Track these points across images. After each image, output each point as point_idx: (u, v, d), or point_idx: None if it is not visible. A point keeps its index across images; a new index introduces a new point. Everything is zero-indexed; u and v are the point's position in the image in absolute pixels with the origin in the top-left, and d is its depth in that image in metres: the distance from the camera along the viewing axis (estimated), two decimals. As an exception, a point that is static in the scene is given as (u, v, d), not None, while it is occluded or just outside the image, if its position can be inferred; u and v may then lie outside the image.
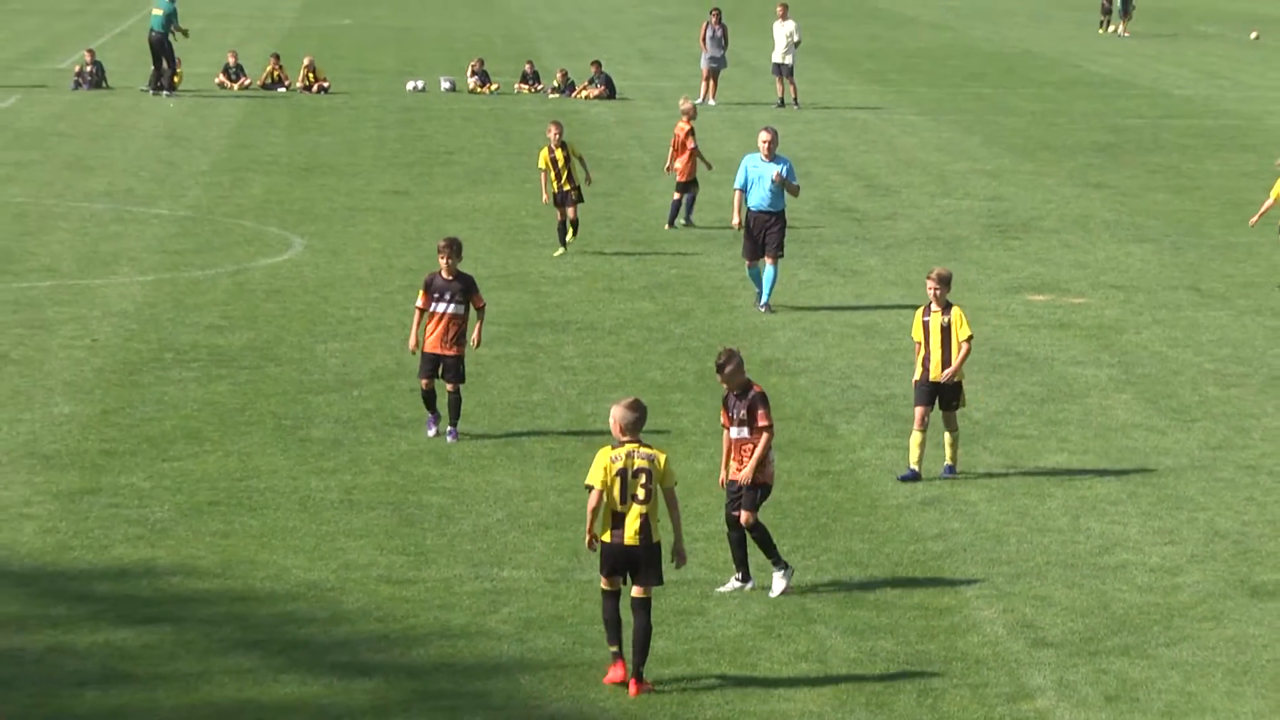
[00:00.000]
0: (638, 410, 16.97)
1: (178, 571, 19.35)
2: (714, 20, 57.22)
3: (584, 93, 58.39)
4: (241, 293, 31.37)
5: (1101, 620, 18.51)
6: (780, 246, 30.94)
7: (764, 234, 30.76)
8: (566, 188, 34.90)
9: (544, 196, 35.00)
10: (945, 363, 22.40)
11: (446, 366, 23.61)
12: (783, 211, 30.95)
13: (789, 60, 56.81)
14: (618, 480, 16.67)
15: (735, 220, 31.46)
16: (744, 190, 31.02)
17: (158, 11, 56.17)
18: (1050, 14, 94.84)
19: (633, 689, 16.37)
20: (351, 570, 19.31)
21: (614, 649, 16.71)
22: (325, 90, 58.10)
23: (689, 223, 37.75)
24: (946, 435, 22.64)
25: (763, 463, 18.98)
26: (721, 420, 19.34)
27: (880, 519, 21.29)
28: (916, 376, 22.72)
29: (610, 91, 58.34)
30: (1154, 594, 19.17)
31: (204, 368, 26.77)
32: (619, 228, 37.69)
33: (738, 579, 19.13)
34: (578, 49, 69.80)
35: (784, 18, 57.15)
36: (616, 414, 17.07)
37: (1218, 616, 18.57)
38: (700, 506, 21.44)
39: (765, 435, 18.84)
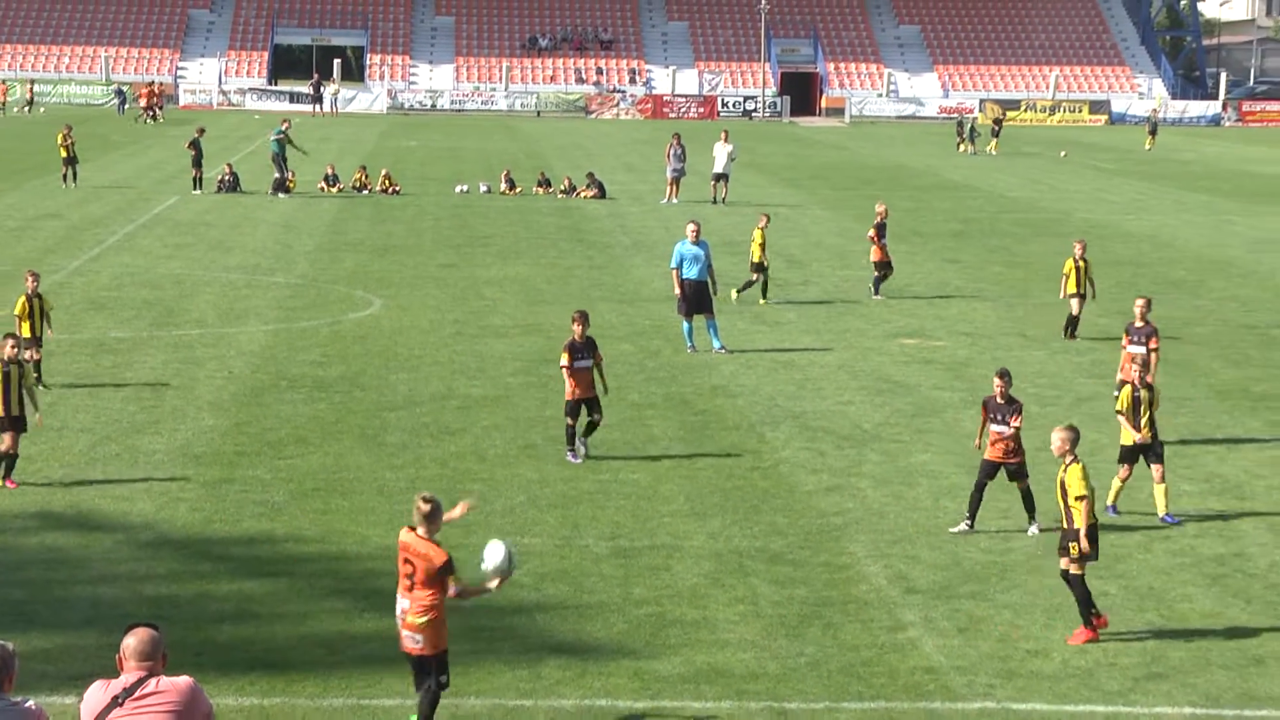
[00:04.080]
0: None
1: (290, 539, 19.34)
2: (675, 142, 57.33)
3: (582, 194, 58.46)
4: (336, 338, 31.36)
5: (955, 573, 18.52)
6: (712, 305, 30.92)
7: (698, 298, 30.75)
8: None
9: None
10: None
11: (591, 405, 22.95)
12: (708, 281, 30.87)
13: (727, 171, 57.00)
14: None
15: (677, 290, 31.10)
16: (678, 267, 30.85)
17: (272, 137, 57.11)
18: (919, 139, 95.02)
19: None
20: (415, 538, 19.29)
21: None
22: (397, 193, 58.13)
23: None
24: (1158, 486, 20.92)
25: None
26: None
27: (796, 501, 21.30)
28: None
29: (601, 193, 58.39)
30: (993, 554, 19.18)
31: (309, 392, 26.76)
32: (608, 290, 37.70)
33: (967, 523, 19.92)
34: (578, 162, 69.87)
35: (725, 140, 57.30)
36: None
37: (1039, 570, 18.57)
38: (667, 492, 21.46)
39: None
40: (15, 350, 21.09)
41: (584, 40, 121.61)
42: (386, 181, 58.81)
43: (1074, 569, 16.59)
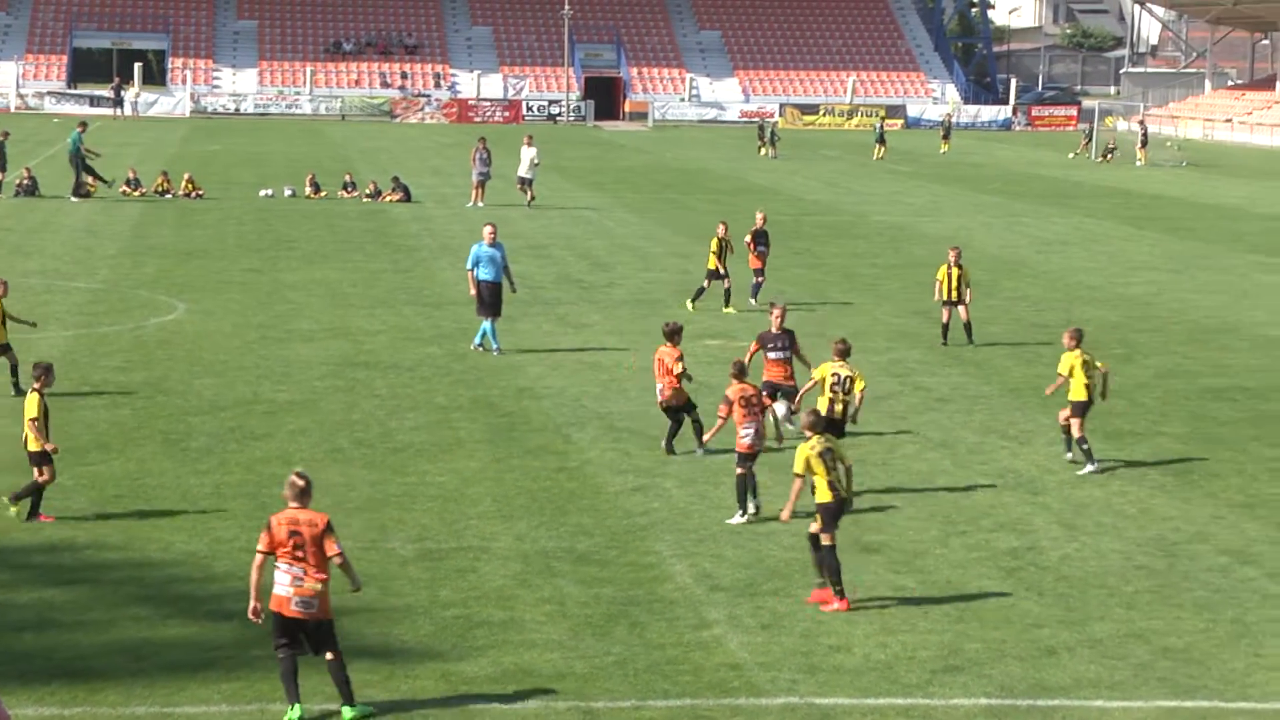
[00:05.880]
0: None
1: (92, 546, 18.94)
2: (481, 146, 57.14)
3: (388, 198, 58.05)
4: (139, 343, 30.80)
5: (759, 571, 18.66)
6: (501, 308, 30.96)
7: (493, 299, 30.75)
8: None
9: None
10: None
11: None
12: (503, 283, 30.86)
13: (530, 175, 56.97)
14: None
15: (472, 291, 30.99)
16: (474, 268, 30.78)
17: (69, 140, 56.50)
18: (720, 142, 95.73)
19: None
20: (220, 543, 19.02)
21: None
22: (200, 197, 57.24)
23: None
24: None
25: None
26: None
27: (603, 501, 21.32)
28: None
29: (407, 196, 58.04)
30: (796, 551, 19.33)
31: (111, 397, 26.25)
32: (414, 294, 37.47)
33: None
34: (383, 166, 69.39)
35: (529, 144, 57.25)
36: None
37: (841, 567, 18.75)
38: (474, 494, 21.38)
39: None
40: None
41: (389, 44, 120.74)
42: (190, 186, 57.86)
43: (824, 539, 17.55)
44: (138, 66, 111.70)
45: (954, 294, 32.44)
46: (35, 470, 19.92)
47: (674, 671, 15.64)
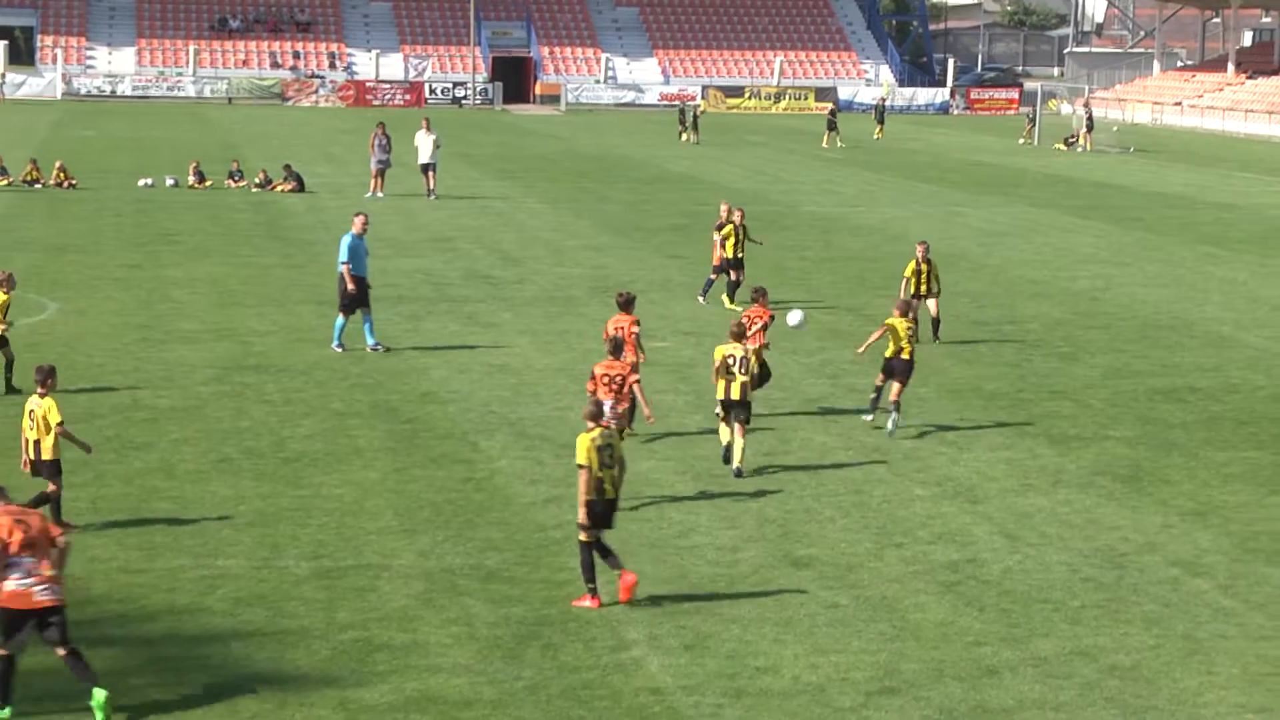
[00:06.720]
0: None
1: (-44, 567, 18.73)
2: (380, 131, 56.94)
3: (279, 187, 57.81)
4: (7, 346, 30.49)
5: (681, 587, 18.70)
6: (369, 301, 31.20)
7: (363, 292, 30.74)
8: None
9: None
10: None
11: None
12: (367, 275, 31.11)
13: (434, 160, 56.85)
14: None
15: (351, 286, 30.83)
16: (349, 262, 30.70)
17: None
18: (638, 127, 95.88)
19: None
20: (96, 563, 18.88)
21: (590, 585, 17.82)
22: (74, 187, 56.81)
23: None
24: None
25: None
26: None
27: (513, 514, 21.31)
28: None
29: (300, 186, 57.82)
30: (720, 566, 19.41)
31: (-23, 405, 26.00)
32: (309, 291, 37.31)
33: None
34: (274, 153, 69.06)
35: (428, 129, 57.12)
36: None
37: (768, 583, 18.87)
38: (374, 507, 21.32)
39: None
40: None
41: (279, 21, 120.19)
42: (61, 175, 57.40)
43: (581, 536, 18.04)
44: (3, 45, 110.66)
45: (924, 288, 32.97)
46: (49, 482, 19.82)
47: (590, 697, 15.65)
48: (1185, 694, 16.16)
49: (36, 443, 19.84)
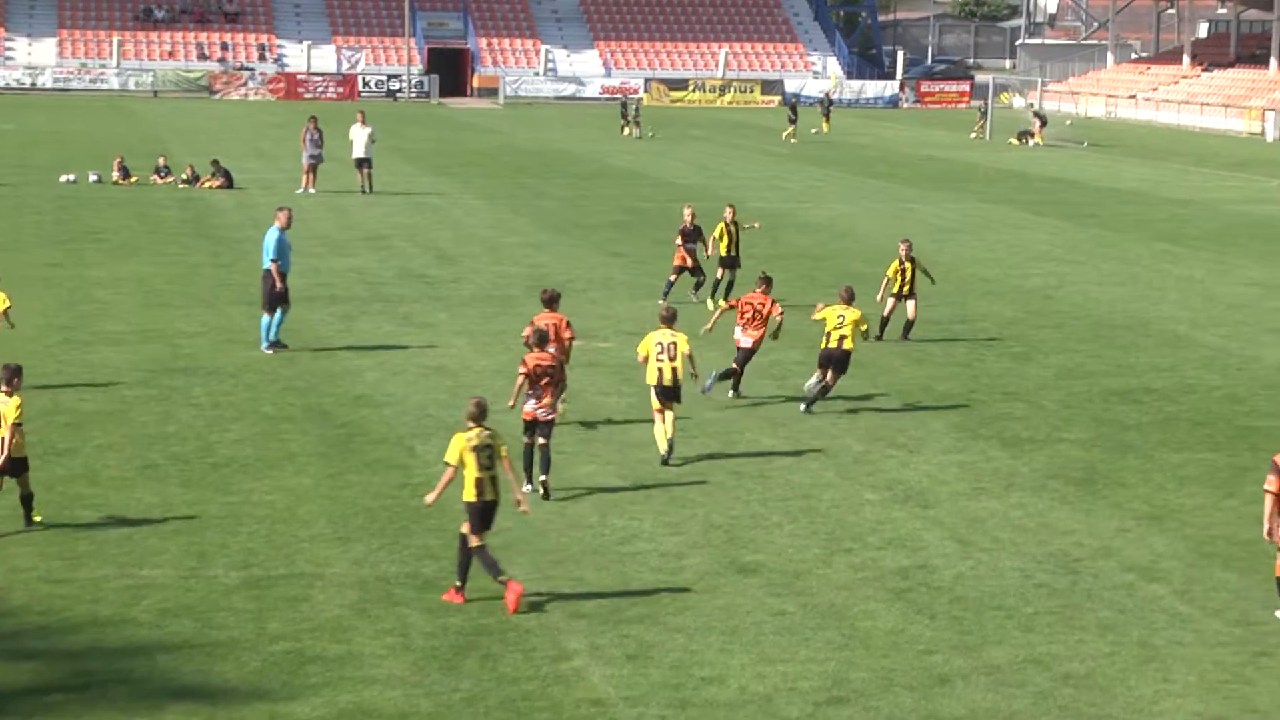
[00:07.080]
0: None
1: None
2: (312, 125, 56.85)
3: (207, 183, 57.61)
4: (-76, 348, 30.27)
5: (623, 596, 18.69)
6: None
7: (286, 290, 30.77)
8: None
9: None
10: None
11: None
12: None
13: (369, 155, 56.79)
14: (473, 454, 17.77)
15: (280, 285, 30.73)
16: (278, 259, 30.67)
17: None
18: (579, 121, 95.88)
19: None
20: (17, 573, 18.76)
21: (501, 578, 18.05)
22: (-7, 182, 56.59)
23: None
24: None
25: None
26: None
27: (450, 521, 21.19)
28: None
29: (229, 182, 57.64)
30: (664, 574, 19.42)
31: (-108, 410, 25.75)
32: (238, 290, 37.17)
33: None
34: (202, 148, 68.81)
35: (363, 123, 57.04)
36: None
37: (713, 590, 18.88)
38: (306, 514, 21.25)
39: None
40: None
41: (206, 12, 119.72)
42: (-19, 170, 57.13)
43: (472, 540, 18.23)
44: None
45: (906, 287, 33.35)
46: (20, 478, 20.19)
47: (530, 709, 15.63)
48: (1141, 702, 16.25)
49: (4, 440, 19.88)
